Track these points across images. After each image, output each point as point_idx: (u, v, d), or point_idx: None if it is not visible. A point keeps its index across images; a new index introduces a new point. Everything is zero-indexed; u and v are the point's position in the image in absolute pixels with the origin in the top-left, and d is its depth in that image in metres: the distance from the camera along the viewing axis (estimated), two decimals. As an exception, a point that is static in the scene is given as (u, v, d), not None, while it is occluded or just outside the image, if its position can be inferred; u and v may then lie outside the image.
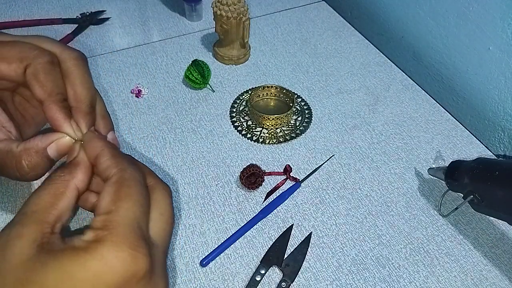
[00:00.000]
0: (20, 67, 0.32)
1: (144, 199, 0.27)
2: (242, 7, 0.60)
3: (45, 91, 0.31)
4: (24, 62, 0.32)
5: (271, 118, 0.55)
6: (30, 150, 0.31)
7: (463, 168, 0.45)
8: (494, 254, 0.46)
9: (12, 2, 0.77)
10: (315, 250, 0.45)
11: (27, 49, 0.32)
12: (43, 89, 0.31)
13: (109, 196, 0.26)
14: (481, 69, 0.61)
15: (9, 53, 0.32)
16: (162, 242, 0.27)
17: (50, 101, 0.31)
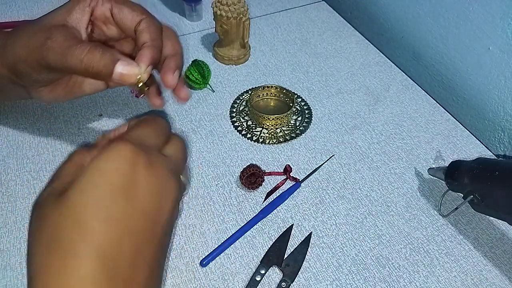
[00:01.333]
0: (139, 16, 0.39)
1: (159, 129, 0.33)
2: (242, 7, 0.60)
3: (151, 37, 0.38)
4: (143, 15, 0.40)
5: (271, 118, 0.55)
6: (108, 51, 0.36)
7: (463, 168, 0.45)
8: (494, 254, 0.46)
9: (12, 2, 0.77)
10: (315, 250, 0.45)
11: (147, 11, 0.41)
12: (150, 36, 0.38)
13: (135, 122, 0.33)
14: (481, 69, 0.61)
15: (135, 6, 0.40)
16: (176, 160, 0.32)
17: (151, 43, 0.38)
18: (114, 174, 0.27)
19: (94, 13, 0.40)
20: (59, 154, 0.52)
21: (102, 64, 0.35)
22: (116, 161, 0.27)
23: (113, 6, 0.40)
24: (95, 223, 0.25)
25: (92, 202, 0.26)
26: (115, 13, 0.40)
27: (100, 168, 0.27)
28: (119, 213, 0.26)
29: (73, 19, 0.38)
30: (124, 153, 0.27)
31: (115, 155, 0.27)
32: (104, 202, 0.26)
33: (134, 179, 0.27)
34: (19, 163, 0.51)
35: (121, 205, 0.26)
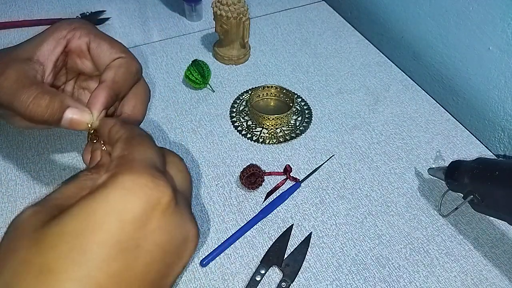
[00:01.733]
0: (117, 54, 0.36)
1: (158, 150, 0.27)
2: (242, 7, 0.60)
3: (114, 78, 0.35)
4: (122, 54, 0.37)
5: (271, 118, 0.55)
6: (57, 96, 0.33)
7: (463, 168, 0.45)
8: (494, 254, 0.46)
9: (12, 2, 0.77)
10: (315, 250, 0.45)
11: (129, 51, 0.38)
12: (113, 75, 0.35)
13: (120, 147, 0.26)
14: (481, 69, 0.61)
15: (116, 43, 0.38)
16: (186, 194, 0.27)
17: (108, 84, 0.34)
18: (120, 219, 0.21)
19: (69, 46, 0.37)
20: (59, 154, 0.52)
21: (48, 112, 0.32)
22: (131, 201, 0.22)
23: (91, 41, 0.37)
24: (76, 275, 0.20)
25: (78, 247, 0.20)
26: (92, 48, 0.37)
27: (103, 207, 0.21)
28: (105, 275, 0.21)
29: (43, 52, 0.36)
30: (143, 190, 0.22)
31: (130, 191, 0.22)
32: (96, 252, 0.21)
33: (146, 229, 0.22)
34: (19, 163, 0.51)
35: (116, 266, 0.21)
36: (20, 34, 0.70)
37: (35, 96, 0.32)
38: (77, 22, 0.38)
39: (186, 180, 0.28)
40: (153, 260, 0.22)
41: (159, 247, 0.22)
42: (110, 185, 0.22)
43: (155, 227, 0.22)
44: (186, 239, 0.24)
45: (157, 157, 0.26)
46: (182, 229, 0.24)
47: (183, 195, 0.26)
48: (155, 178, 0.22)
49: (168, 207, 0.23)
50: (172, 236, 0.23)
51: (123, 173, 0.22)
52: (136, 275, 0.21)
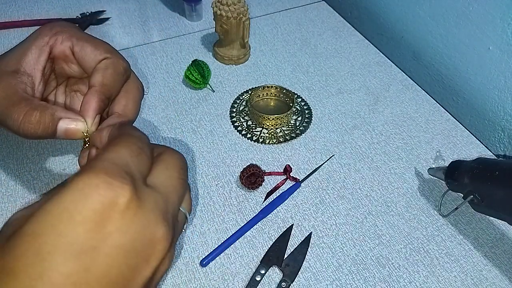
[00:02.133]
0: (102, 55, 0.35)
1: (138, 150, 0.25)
2: (242, 7, 0.60)
3: (102, 81, 0.34)
4: (107, 54, 0.35)
5: (271, 118, 0.55)
6: (48, 110, 0.32)
7: (463, 168, 0.45)
8: (494, 254, 0.46)
9: (12, 2, 0.77)
10: (315, 250, 0.45)
11: (115, 50, 0.37)
12: (102, 78, 0.34)
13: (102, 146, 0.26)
14: (481, 69, 0.61)
15: (100, 43, 0.36)
16: (166, 194, 0.25)
17: (98, 89, 0.33)
18: (71, 221, 0.21)
19: (52, 52, 0.36)
20: (59, 154, 0.52)
21: (41, 128, 0.32)
22: (81, 202, 0.21)
23: (74, 44, 0.36)
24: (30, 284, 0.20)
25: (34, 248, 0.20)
26: (76, 51, 0.36)
27: (56, 208, 0.21)
28: (62, 276, 0.20)
29: (28, 62, 0.35)
30: (94, 190, 0.21)
31: (81, 192, 0.21)
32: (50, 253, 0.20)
33: (102, 230, 0.21)
34: (19, 163, 0.51)
35: (71, 267, 0.20)
36: (20, 34, 0.70)
37: (25, 114, 0.32)
38: (59, 25, 0.37)
39: (172, 178, 0.27)
40: (113, 262, 0.21)
41: (120, 249, 0.21)
42: (67, 186, 0.21)
43: (113, 228, 0.21)
44: (152, 241, 0.23)
45: (133, 157, 0.25)
46: (147, 230, 0.22)
47: (162, 194, 0.25)
48: (111, 178, 0.21)
49: (128, 208, 0.22)
50: (135, 238, 0.22)
51: (81, 173, 0.22)
52: (95, 277, 0.21)
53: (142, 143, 0.26)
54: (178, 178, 0.27)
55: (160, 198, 0.24)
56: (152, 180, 0.25)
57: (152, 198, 0.24)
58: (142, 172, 0.25)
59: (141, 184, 0.24)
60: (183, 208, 0.28)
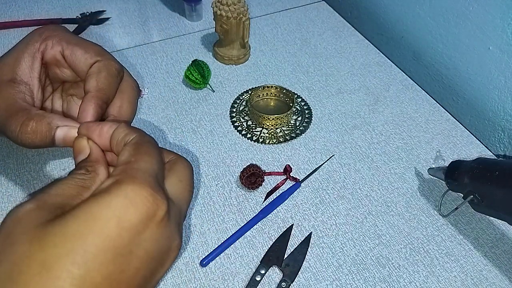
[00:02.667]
0: (93, 58, 0.35)
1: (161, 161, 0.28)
2: (242, 7, 0.60)
3: (97, 85, 0.33)
4: (98, 57, 0.35)
5: (271, 118, 0.55)
6: (44, 119, 0.32)
7: (463, 168, 0.45)
8: (494, 254, 0.46)
9: (12, 2, 0.77)
10: (315, 250, 0.45)
11: (107, 52, 0.36)
12: (96, 83, 0.34)
13: (128, 152, 0.27)
14: (481, 69, 0.61)
15: (90, 45, 0.36)
16: (180, 205, 0.27)
17: (94, 94, 0.33)
18: (119, 226, 0.22)
19: (44, 58, 0.36)
20: (59, 154, 0.52)
21: (38, 138, 0.32)
22: (130, 210, 0.23)
23: (64, 48, 0.36)
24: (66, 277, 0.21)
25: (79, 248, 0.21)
26: (67, 55, 0.36)
27: (105, 213, 0.22)
28: (101, 276, 0.22)
29: (23, 71, 0.35)
30: (143, 202, 0.23)
31: (132, 201, 0.23)
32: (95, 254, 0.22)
33: (140, 237, 0.23)
34: (19, 163, 0.51)
35: (110, 269, 0.22)
36: (20, 34, 0.70)
37: (22, 124, 0.32)
38: (48, 30, 0.36)
39: (185, 191, 0.28)
40: (141, 266, 0.23)
41: (148, 255, 0.24)
42: (114, 192, 0.23)
43: (147, 236, 0.23)
44: (170, 249, 0.26)
45: (160, 169, 0.27)
46: (169, 240, 0.25)
47: (177, 206, 0.27)
48: (155, 192, 0.24)
49: (162, 220, 0.24)
50: (160, 246, 0.24)
51: (127, 182, 0.24)
52: (126, 278, 0.23)
53: (160, 152, 0.28)
54: (189, 191, 0.29)
55: (177, 210, 0.27)
56: (168, 190, 0.27)
57: (174, 210, 0.26)
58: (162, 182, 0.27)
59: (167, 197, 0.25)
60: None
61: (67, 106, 0.40)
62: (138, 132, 0.29)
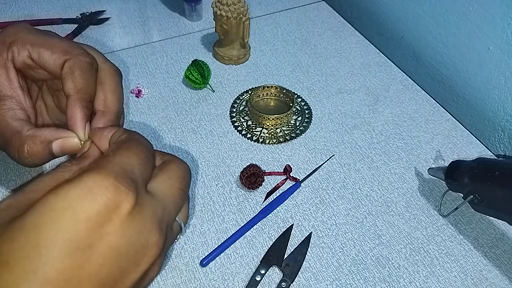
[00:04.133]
0: (61, 58, 0.33)
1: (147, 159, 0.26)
2: (242, 7, 0.60)
3: (75, 86, 0.32)
4: (66, 56, 0.33)
5: (271, 118, 0.55)
6: (36, 138, 0.32)
7: (463, 168, 0.45)
8: (494, 254, 0.46)
9: (12, 2, 0.77)
10: (315, 250, 0.45)
11: (74, 47, 0.34)
12: (74, 84, 0.32)
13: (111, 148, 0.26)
14: (481, 69, 0.61)
15: (56, 44, 0.34)
16: (164, 202, 0.26)
17: (76, 97, 0.32)
18: (75, 218, 0.21)
19: (15, 65, 0.34)
20: (59, 154, 0.52)
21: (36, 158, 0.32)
22: (87, 200, 0.21)
23: (30, 52, 0.34)
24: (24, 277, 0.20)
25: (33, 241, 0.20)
26: (35, 59, 0.34)
27: (61, 203, 0.21)
28: (55, 271, 0.20)
29: (2, 85, 0.34)
30: (102, 192, 0.22)
31: (90, 191, 0.22)
32: (49, 248, 0.20)
33: (101, 231, 0.22)
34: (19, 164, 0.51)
35: (66, 263, 0.21)
36: None
37: (18, 150, 0.32)
38: (9, 34, 0.34)
39: (173, 188, 0.27)
40: (105, 262, 0.22)
41: (113, 251, 0.22)
42: (74, 182, 0.22)
43: (111, 230, 0.22)
44: (144, 247, 0.24)
45: (141, 165, 0.25)
46: (141, 236, 0.23)
47: (161, 203, 0.25)
48: (119, 183, 0.22)
49: (129, 214, 0.22)
50: (129, 242, 0.23)
51: (91, 172, 0.22)
52: (87, 274, 0.21)
53: (149, 152, 0.27)
54: (179, 188, 0.28)
55: (158, 206, 0.25)
56: (153, 187, 0.26)
57: (151, 206, 0.24)
58: (145, 179, 0.26)
59: (144, 191, 0.24)
60: (179, 218, 0.29)
61: (58, 101, 0.40)
62: (130, 132, 0.29)
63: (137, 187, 0.23)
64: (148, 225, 0.24)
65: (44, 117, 0.40)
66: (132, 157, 0.25)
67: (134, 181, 0.24)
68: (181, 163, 0.29)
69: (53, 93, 0.40)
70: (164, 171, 0.28)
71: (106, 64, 0.36)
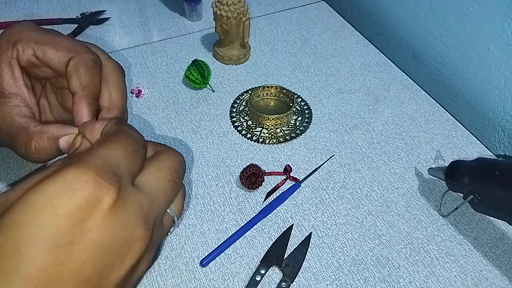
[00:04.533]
0: (65, 56, 0.34)
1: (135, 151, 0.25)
2: (242, 7, 0.60)
3: (81, 84, 0.33)
4: (70, 54, 0.34)
5: (271, 118, 0.55)
6: (44, 134, 0.32)
7: (463, 168, 0.45)
8: (494, 254, 0.46)
9: (12, 2, 0.77)
10: (315, 250, 0.45)
11: (78, 45, 0.35)
12: (79, 82, 0.33)
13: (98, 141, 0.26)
14: (481, 69, 0.61)
15: (60, 42, 0.34)
16: (152, 195, 0.25)
17: (82, 94, 0.33)
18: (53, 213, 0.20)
19: (20, 63, 0.35)
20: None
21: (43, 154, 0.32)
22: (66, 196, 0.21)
23: (35, 50, 0.34)
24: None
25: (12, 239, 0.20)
26: (40, 57, 0.34)
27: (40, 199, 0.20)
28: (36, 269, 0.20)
29: (8, 83, 0.34)
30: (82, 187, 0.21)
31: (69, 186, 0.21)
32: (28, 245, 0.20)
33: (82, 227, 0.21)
34: (19, 163, 0.51)
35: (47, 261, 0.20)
36: None
37: (25, 146, 0.32)
38: (14, 33, 0.35)
39: (163, 180, 0.26)
40: (88, 259, 0.21)
41: (96, 247, 0.21)
42: (53, 177, 0.21)
43: (92, 226, 0.21)
44: (129, 242, 0.23)
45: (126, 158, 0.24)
46: (125, 231, 0.22)
47: (148, 196, 0.25)
48: (100, 177, 0.21)
49: (111, 209, 0.22)
50: (112, 237, 0.22)
51: (70, 166, 0.22)
52: (69, 271, 0.21)
53: (138, 144, 0.26)
54: (169, 180, 0.26)
55: (144, 200, 0.24)
56: (141, 180, 0.25)
57: (136, 199, 0.23)
58: (132, 172, 0.25)
59: (129, 185, 0.23)
60: (171, 210, 0.28)
61: (61, 99, 0.40)
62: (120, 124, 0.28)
63: (120, 181, 0.23)
64: (132, 219, 0.23)
65: (47, 115, 0.40)
66: (118, 150, 0.24)
67: (118, 174, 0.23)
68: (173, 153, 0.28)
69: (57, 91, 0.40)
70: (154, 162, 0.27)
71: (109, 62, 0.37)
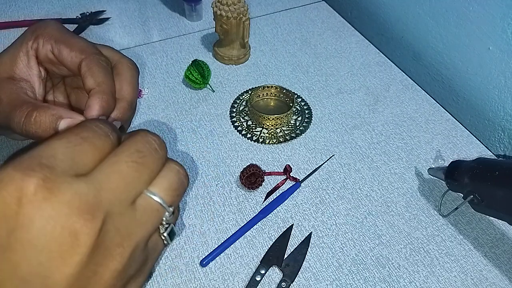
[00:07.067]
0: (77, 57, 0.35)
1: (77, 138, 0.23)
2: (242, 7, 0.60)
3: (95, 81, 0.33)
4: (82, 55, 0.35)
5: (271, 118, 0.55)
6: (48, 110, 0.32)
7: (463, 168, 0.45)
8: (494, 254, 0.46)
9: (12, 2, 0.77)
10: (315, 250, 0.45)
11: (91, 46, 0.36)
12: (94, 79, 0.34)
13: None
14: (481, 69, 0.61)
15: (76, 43, 0.35)
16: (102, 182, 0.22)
17: (97, 90, 0.33)
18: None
19: (38, 56, 0.36)
20: (59, 154, 0.52)
21: (41, 128, 0.32)
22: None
23: (53, 47, 0.35)
24: None
25: None
26: (56, 54, 0.35)
27: None
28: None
29: (21, 69, 0.35)
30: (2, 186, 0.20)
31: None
32: None
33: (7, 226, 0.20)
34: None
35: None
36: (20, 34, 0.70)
37: (26, 115, 0.32)
38: (39, 27, 0.36)
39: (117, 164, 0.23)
40: (21, 260, 0.20)
41: (25, 245, 0.20)
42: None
43: (17, 225, 0.20)
44: (68, 235, 0.20)
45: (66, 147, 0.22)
46: (58, 225, 0.20)
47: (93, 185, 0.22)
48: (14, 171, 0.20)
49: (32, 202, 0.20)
50: (41, 233, 0.20)
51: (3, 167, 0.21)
52: (3, 273, 0.20)
53: (89, 132, 0.24)
54: (127, 162, 0.23)
55: (87, 189, 0.21)
56: (96, 169, 0.23)
57: (72, 189, 0.21)
58: (77, 162, 0.22)
59: (61, 175, 0.21)
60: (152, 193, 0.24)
61: (76, 99, 0.41)
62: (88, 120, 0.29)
63: (50, 171, 0.21)
64: (66, 211, 0.20)
65: None
66: (55, 142, 0.22)
67: (47, 165, 0.21)
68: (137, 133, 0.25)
69: (72, 90, 0.41)
70: (115, 150, 0.24)
71: (124, 59, 0.38)
